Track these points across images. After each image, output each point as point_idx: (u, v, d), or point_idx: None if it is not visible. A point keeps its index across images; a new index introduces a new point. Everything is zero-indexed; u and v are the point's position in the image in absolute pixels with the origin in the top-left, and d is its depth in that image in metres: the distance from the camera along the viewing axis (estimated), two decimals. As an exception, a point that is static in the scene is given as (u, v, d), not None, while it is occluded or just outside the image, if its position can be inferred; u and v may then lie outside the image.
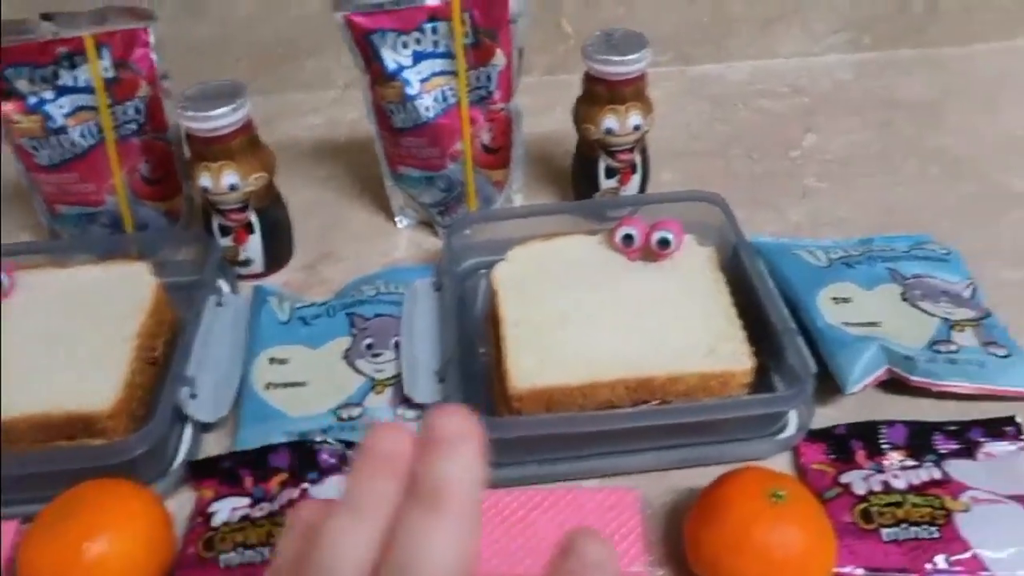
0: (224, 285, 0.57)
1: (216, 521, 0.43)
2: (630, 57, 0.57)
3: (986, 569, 0.39)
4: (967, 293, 0.53)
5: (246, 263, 0.60)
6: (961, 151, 0.69)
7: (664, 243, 0.52)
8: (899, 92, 0.77)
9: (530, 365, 0.46)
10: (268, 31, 0.79)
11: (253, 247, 0.59)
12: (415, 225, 0.66)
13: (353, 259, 0.62)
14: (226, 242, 0.59)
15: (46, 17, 0.56)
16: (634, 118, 0.59)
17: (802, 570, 0.37)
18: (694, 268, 0.52)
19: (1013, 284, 0.55)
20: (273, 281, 0.60)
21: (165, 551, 0.41)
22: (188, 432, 0.48)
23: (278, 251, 0.61)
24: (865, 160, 0.69)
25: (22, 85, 0.56)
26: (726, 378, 0.46)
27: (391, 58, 0.57)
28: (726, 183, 0.62)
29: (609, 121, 0.59)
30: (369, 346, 0.52)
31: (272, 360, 0.52)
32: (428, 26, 0.56)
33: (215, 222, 0.58)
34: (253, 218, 0.58)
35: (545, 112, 0.72)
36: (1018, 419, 0.45)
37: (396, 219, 0.65)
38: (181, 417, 0.48)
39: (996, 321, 0.51)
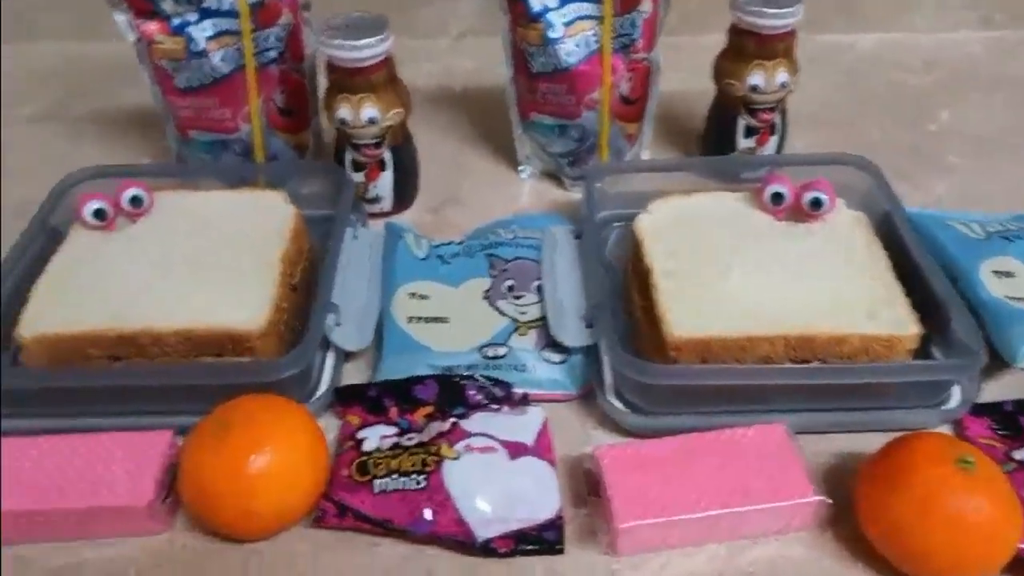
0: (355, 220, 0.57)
1: (367, 447, 0.43)
2: (785, 10, 0.55)
3: None
4: None
5: (375, 200, 0.60)
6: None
7: (817, 204, 0.50)
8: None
9: (688, 315, 0.45)
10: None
11: (384, 184, 0.59)
12: (538, 176, 0.65)
13: (478, 206, 0.61)
14: (358, 178, 0.58)
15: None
16: (782, 75, 0.57)
17: (991, 539, 0.36)
18: (846, 232, 0.50)
19: None
20: (400, 220, 0.60)
21: (323, 469, 0.41)
22: (330, 360, 0.48)
23: (406, 191, 0.61)
24: (1006, 138, 0.67)
25: (167, 6, 0.56)
26: (891, 343, 0.44)
27: (537, -2, 0.56)
28: (863, 152, 0.60)
29: (756, 77, 0.57)
30: (510, 288, 0.51)
31: (412, 295, 0.51)
32: (580, -33, 0.55)
33: (348, 157, 0.58)
34: (387, 155, 0.58)
35: (665, 72, 0.70)
36: None
37: (520, 168, 0.64)
38: (324, 344, 0.48)
39: None
